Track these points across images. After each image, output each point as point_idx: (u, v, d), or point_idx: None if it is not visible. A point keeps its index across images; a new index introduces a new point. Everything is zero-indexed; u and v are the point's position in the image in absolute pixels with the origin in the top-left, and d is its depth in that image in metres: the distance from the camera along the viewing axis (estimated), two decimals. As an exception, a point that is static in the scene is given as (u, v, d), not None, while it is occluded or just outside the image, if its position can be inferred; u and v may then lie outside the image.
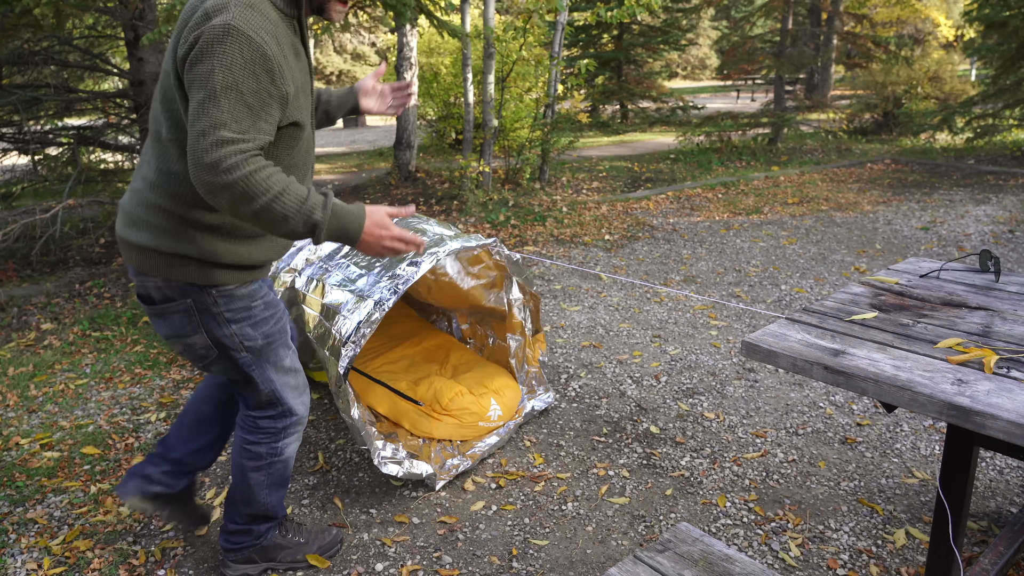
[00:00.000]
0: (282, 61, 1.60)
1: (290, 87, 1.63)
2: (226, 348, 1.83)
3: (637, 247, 5.73)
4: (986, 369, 1.46)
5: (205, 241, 1.73)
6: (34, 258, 5.60)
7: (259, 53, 1.53)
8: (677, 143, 11.48)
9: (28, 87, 5.70)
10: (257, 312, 1.85)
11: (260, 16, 1.57)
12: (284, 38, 1.64)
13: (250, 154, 1.52)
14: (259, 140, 1.55)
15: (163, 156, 1.69)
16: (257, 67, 1.53)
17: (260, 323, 1.85)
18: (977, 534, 2.26)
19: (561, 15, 7.56)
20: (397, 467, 2.44)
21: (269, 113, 1.57)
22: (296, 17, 1.70)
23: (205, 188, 1.51)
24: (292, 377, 1.97)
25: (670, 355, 3.67)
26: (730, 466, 2.68)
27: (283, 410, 1.97)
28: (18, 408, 3.29)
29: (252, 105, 1.53)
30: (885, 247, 5.55)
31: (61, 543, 2.34)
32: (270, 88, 1.56)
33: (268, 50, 1.55)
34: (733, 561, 1.49)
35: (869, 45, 11.91)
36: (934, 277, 2.11)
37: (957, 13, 17.97)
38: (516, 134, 8.71)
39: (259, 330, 1.85)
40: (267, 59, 1.55)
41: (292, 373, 1.97)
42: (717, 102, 20.60)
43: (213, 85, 1.49)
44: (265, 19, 1.58)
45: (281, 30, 1.63)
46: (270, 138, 1.59)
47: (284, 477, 2.08)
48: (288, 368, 1.95)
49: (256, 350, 1.86)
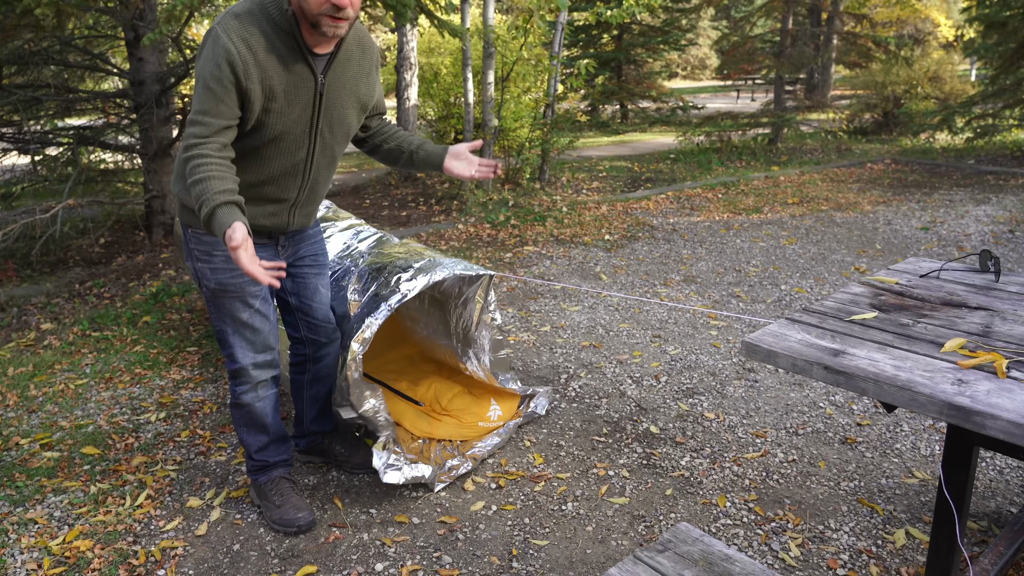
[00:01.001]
0: (248, 60, 1.87)
1: (255, 85, 1.90)
2: (197, 280, 2.24)
3: (637, 247, 5.73)
4: (999, 374, 1.45)
5: (189, 193, 2.06)
6: (34, 258, 5.60)
7: (223, 48, 1.85)
8: (677, 143, 11.47)
9: (28, 87, 5.70)
10: (217, 261, 2.17)
11: (239, 24, 1.88)
12: (268, 47, 1.91)
13: (204, 139, 1.87)
14: (218, 123, 1.88)
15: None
16: (220, 59, 1.85)
17: (217, 271, 2.17)
18: (977, 534, 2.26)
19: (561, 15, 7.56)
20: (398, 474, 2.44)
21: (230, 98, 1.88)
22: (292, 33, 1.93)
23: (179, 181, 2.07)
24: (248, 331, 2.25)
25: (670, 355, 3.67)
26: (730, 466, 2.68)
27: (228, 354, 2.28)
28: (18, 408, 3.29)
29: (213, 89, 1.86)
30: (885, 247, 5.55)
31: (61, 543, 2.34)
32: (231, 77, 1.86)
33: (232, 47, 1.85)
34: (733, 561, 1.49)
35: (869, 45, 11.91)
36: (934, 277, 2.11)
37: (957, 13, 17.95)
38: (516, 134, 8.71)
39: (215, 276, 2.17)
40: (229, 53, 1.85)
41: (248, 328, 2.24)
42: (717, 102, 20.60)
43: (196, 76, 1.90)
44: (243, 26, 1.87)
45: (267, 40, 1.91)
46: (231, 122, 1.90)
47: (254, 423, 2.37)
48: (244, 322, 2.23)
49: (211, 291, 2.19)
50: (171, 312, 4.45)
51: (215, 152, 1.87)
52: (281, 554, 2.27)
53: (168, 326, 4.23)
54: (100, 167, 6.45)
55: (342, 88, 2.10)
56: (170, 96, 5.90)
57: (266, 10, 1.91)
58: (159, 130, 5.80)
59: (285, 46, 1.92)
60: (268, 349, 2.31)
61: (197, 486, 2.64)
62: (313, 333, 2.49)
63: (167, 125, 5.91)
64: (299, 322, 2.47)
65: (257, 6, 1.91)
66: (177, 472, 2.74)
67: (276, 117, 1.99)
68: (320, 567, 2.21)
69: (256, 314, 2.25)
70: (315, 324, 2.48)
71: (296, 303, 2.44)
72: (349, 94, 2.13)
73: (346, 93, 2.12)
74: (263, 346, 2.29)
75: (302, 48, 1.94)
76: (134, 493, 2.61)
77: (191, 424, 3.09)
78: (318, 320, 2.47)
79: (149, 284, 4.92)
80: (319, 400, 2.62)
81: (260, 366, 2.31)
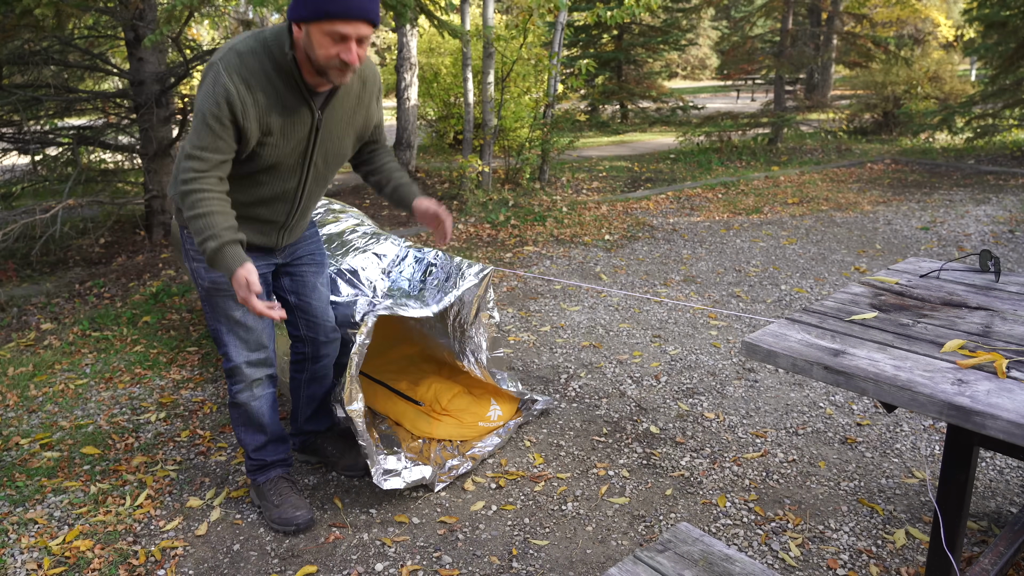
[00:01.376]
0: (247, 100, 1.91)
1: (252, 124, 1.94)
2: (193, 278, 2.28)
3: (637, 247, 5.73)
4: (999, 374, 1.45)
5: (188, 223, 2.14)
6: (34, 258, 5.60)
7: (223, 87, 1.89)
8: (677, 143, 11.47)
9: (28, 87, 5.70)
10: None
11: (241, 63, 1.91)
12: (268, 87, 1.94)
13: (202, 172, 1.91)
14: (215, 159, 1.93)
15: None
16: (220, 98, 1.89)
17: (211, 270, 2.17)
18: (977, 534, 2.26)
19: (561, 14, 7.56)
20: (398, 480, 2.44)
21: (227, 135, 1.93)
22: (292, 74, 1.96)
23: (175, 186, 2.02)
24: (241, 330, 2.28)
25: (670, 355, 3.67)
26: (730, 466, 2.68)
27: (223, 353, 2.31)
28: (18, 408, 3.29)
29: (211, 126, 1.90)
30: (885, 247, 5.55)
31: (61, 543, 2.34)
32: (229, 115, 1.90)
33: (232, 87, 1.89)
34: (733, 561, 1.49)
35: (869, 45, 11.91)
36: (934, 277, 2.11)
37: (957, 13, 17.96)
38: (516, 134, 8.71)
39: (208, 275, 2.20)
40: (229, 93, 1.89)
41: (242, 327, 2.27)
42: (717, 102, 20.60)
43: (196, 108, 1.93)
44: (244, 66, 1.91)
45: (268, 80, 1.94)
46: (227, 156, 1.95)
47: (251, 422, 2.39)
48: (237, 320, 2.26)
49: (205, 289, 2.23)
50: (171, 312, 4.45)
51: (214, 187, 1.93)
52: (281, 554, 2.27)
53: (168, 326, 4.23)
54: (100, 167, 6.45)
55: (339, 121, 2.13)
56: (170, 96, 5.90)
57: (269, 50, 1.93)
58: (159, 130, 5.80)
59: (285, 86, 1.96)
60: (261, 347, 2.33)
61: (197, 486, 2.64)
62: (312, 332, 2.49)
63: (167, 125, 5.91)
64: (299, 320, 2.48)
65: (260, 44, 1.93)
66: (177, 472, 2.74)
67: (271, 150, 2.03)
68: (320, 567, 2.21)
69: (249, 313, 2.27)
70: (314, 322, 2.48)
71: (295, 301, 2.44)
72: (346, 126, 2.16)
73: (343, 126, 2.15)
74: (256, 344, 2.32)
75: (302, 88, 1.97)
76: (134, 493, 2.61)
77: (191, 424, 3.09)
78: (317, 318, 2.48)
79: (149, 284, 4.92)
80: (315, 400, 2.63)
81: (253, 364, 2.33)
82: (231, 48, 1.91)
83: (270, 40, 1.94)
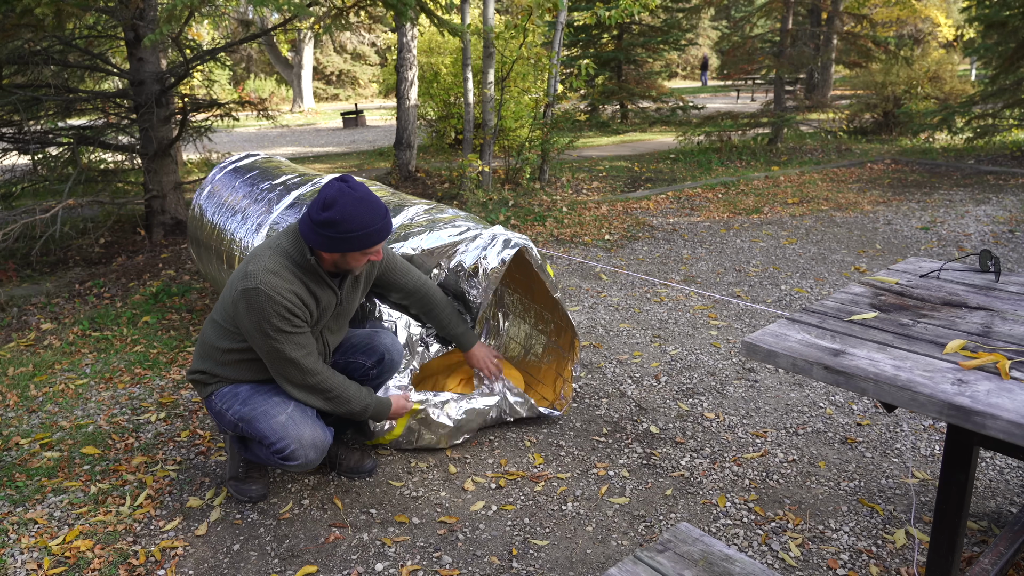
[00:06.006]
0: (300, 304, 2.23)
1: (310, 318, 2.29)
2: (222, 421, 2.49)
3: (637, 247, 5.73)
4: (1003, 375, 1.45)
5: None
6: (34, 258, 5.60)
7: (282, 306, 2.18)
8: (677, 143, 11.47)
9: (28, 87, 5.70)
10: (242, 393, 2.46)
11: (280, 280, 2.20)
12: (305, 289, 2.26)
13: (311, 366, 2.28)
14: (311, 347, 2.29)
15: (212, 327, 2.42)
16: (284, 312, 2.19)
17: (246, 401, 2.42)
18: (977, 534, 2.26)
19: (561, 14, 7.56)
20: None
21: (306, 329, 2.27)
22: (316, 271, 2.27)
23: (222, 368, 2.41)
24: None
25: (670, 355, 3.67)
26: (730, 466, 2.68)
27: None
28: (18, 408, 3.29)
29: (291, 334, 2.23)
30: (885, 247, 5.55)
31: (61, 543, 2.34)
32: (301, 319, 2.24)
33: (287, 303, 2.19)
34: (733, 561, 1.49)
35: (869, 45, 11.90)
36: (934, 277, 2.11)
37: (957, 13, 17.95)
38: (516, 134, 8.71)
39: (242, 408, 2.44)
40: (289, 308, 2.20)
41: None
42: (717, 102, 20.60)
43: (258, 332, 2.22)
44: (283, 281, 2.20)
45: (303, 283, 2.25)
46: (313, 341, 2.31)
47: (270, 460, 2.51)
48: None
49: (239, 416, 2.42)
50: (171, 312, 4.45)
51: (324, 369, 2.33)
52: (281, 554, 2.27)
53: (168, 326, 4.23)
54: (100, 167, 6.45)
55: (354, 291, 2.47)
56: (170, 96, 5.90)
57: (292, 260, 2.24)
58: (159, 130, 5.80)
59: (314, 283, 2.29)
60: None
61: (197, 486, 2.64)
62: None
63: (167, 125, 5.91)
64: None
65: (284, 257, 2.24)
66: (177, 472, 2.74)
67: (322, 322, 2.40)
68: (320, 567, 2.21)
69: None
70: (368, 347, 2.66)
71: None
72: (359, 292, 2.51)
73: (356, 293, 2.49)
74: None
75: (325, 279, 2.30)
76: (134, 493, 2.61)
77: (191, 424, 3.09)
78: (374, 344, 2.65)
79: (149, 284, 4.93)
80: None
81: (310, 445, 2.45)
82: (263, 270, 2.19)
83: (291, 251, 2.25)
